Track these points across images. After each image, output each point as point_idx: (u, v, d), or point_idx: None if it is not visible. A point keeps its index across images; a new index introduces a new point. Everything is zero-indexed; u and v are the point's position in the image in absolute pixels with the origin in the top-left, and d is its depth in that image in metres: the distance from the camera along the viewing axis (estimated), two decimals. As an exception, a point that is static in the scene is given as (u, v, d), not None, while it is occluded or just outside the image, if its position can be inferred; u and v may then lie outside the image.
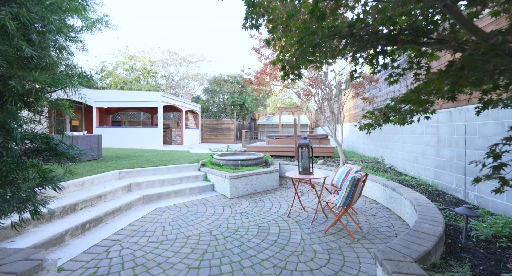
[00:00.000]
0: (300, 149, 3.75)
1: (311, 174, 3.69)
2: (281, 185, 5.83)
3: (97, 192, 3.63)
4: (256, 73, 6.03)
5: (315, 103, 6.31)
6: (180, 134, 12.88)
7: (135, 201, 3.95)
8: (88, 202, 3.37)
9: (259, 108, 26.85)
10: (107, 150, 8.24)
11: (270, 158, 6.61)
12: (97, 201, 3.53)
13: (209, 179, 5.40)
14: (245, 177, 5.01)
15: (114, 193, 3.90)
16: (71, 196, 3.35)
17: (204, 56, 22.56)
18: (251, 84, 6.25)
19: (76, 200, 3.19)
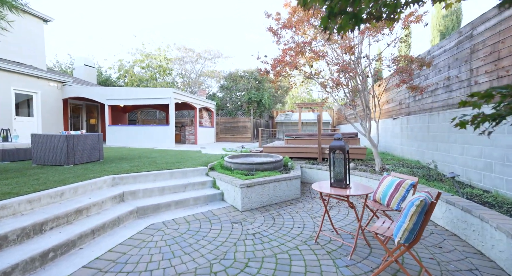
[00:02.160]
0: (332, 153, 2.79)
1: (347, 187, 2.72)
2: (304, 194, 4.88)
3: (78, 204, 2.96)
4: (274, 61, 5.10)
5: (345, 95, 5.24)
6: (194, 133, 12.32)
7: (126, 215, 3.25)
8: (63, 219, 2.70)
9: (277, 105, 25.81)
10: (114, 150, 7.81)
11: (290, 161, 5.68)
12: (76, 217, 2.86)
13: (217, 186, 4.60)
14: (260, 185, 4.14)
15: (101, 205, 3.22)
16: (42, 211, 2.69)
17: (220, 52, 21.94)
18: (268, 75, 5.33)
19: (44, 217, 2.52)
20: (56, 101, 10.34)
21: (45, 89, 9.88)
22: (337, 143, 2.74)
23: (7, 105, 8.62)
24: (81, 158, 4.81)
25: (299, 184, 4.69)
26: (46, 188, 3.02)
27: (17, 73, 8.94)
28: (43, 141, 4.59)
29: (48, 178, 3.59)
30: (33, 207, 2.70)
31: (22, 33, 9.85)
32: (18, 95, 9.09)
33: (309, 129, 18.63)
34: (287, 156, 6.32)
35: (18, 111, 9.15)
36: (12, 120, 8.78)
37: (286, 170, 5.26)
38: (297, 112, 20.96)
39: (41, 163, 4.62)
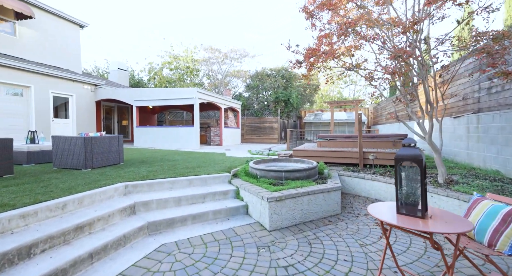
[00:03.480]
0: (399, 167, 1.95)
1: (426, 217, 1.86)
2: (344, 209, 4.02)
3: (80, 219, 2.54)
4: (307, 51, 4.33)
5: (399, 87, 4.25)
6: (219, 134, 11.95)
7: (134, 232, 2.76)
8: (59, 239, 2.27)
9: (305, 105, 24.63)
10: (138, 152, 7.67)
11: (326, 168, 4.83)
12: (75, 235, 2.43)
13: (241, 197, 3.97)
14: (292, 199, 3.40)
15: (107, 220, 2.79)
16: (36, 228, 2.30)
17: (246, 51, 21.56)
18: (300, 66, 4.56)
19: (35, 238, 2.11)
20: (89, 103, 10.73)
21: (79, 92, 10.29)
22: (407, 151, 1.90)
23: (46, 108, 9.07)
24: (99, 161, 4.56)
25: (339, 197, 3.84)
26: (48, 199, 2.65)
27: (55, 77, 9.38)
28: (62, 143, 4.42)
29: (58, 184, 3.28)
30: (28, 222, 2.33)
31: (60, 39, 10.38)
32: (55, 98, 9.54)
33: (341, 130, 17.24)
34: (321, 161, 5.47)
35: (55, 113, 9.61)
36: (50, 122, 9.23)
37: (322, 178, 4.44)
38: (327, 111, 19.65)
39: (60, 166, 4.45)
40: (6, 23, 9.01)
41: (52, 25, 10.11)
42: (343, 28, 3.67)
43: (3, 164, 3.69)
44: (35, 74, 8.79)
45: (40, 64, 9.27)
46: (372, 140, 6.04)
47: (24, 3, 8.97)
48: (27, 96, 8.69)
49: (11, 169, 3.80)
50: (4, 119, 8.07)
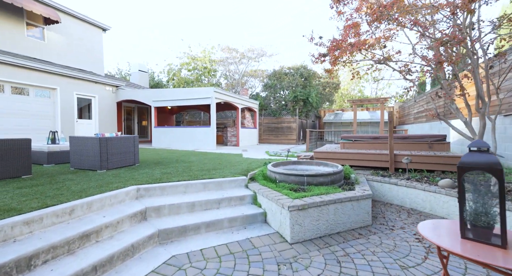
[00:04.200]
0: (463, 176, 1.50)
1: (506, 247, 1.40)
2: (375, 219, 3.55)
3: (87, 226, 2.37)
4: (332, 42, 3.90)
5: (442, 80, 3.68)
6: (236, 134, 11.74)
7: (144, 241, 2.55)
8: (62, 248, 2.10)
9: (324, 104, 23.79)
10: (154, 153, 7.64)
11: (352, 172, 4.36)
12: (81, 244, 2.25)
13: (259, 203, 3.65)
14: (316, 208, 3.02)
15: (116, 226, 2.60)
16: (40, 236, 2.14)
17: (264, 50, 21.24)
18: (323, 61, 4.15)
19: (36, 248, 1.94)
20: (111, 104, 11.02)
21: (102, 93, 10.59)
22: (479, 158, 1.46)
23: (70, 109, 9.40)
24: (115, 162, 4.47)
25: (369, 207, 3.38)
26: (56, 203, 2.51)
27: (79, 79, 9.71)
28: (79, 143, 4.38)
29: (70, 187, 3.18)
30: (32, 229, 2.18)
31: (84, 42, 10.76)
32: (79, 99, 9.87)
33: (364, 131, 16.33)
34: (347, 164, 4.99)
35: (79, 114, 9.95)
36: (75, 122, 9.55)
37: (348, 184, 3.99)
38: (348, 111, 18.77)
39: (77, 167, 4.42)
40: (36, 29, 9.47)
41: (77, 29, 10.50)
42: (376, 12, 3.20)
43: (21, 164, 3.68)
44: (61, 76, 9.14)
45: (66, 67, 9.64)
46: (404, 141, 5.44)
47: (52, 8, 9.37)
48: (54, 98, 9.05)
49: (29, 169, 3.79)
50: (34, 120, 8.45)
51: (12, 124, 7.91)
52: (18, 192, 2.89)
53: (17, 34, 8.85)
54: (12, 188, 3.06)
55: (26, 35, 9.10)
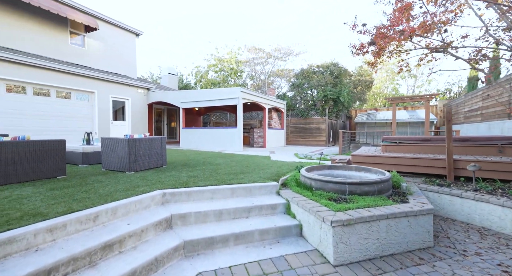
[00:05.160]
0: None
1: None
2: (437, 239, 2.92)
3: (110, 235, 2.20)
4: (379, 29, 3.35)
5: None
6: (263, 135, 11.42)
7: (169, 254, 2.31)
8: (84, 260, 1.93)
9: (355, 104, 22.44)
10: (182, 154, 7.61)
11: (402, 180, 3.74)
12: (103, 255, 2.07)
13: (293, 213, 3.24)
14: (364, 224, 2.53)
15: (140, 235, 2.40)
16: (62, 245, 2.00)
17: (291, 49, 20.68)
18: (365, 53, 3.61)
19: (56, 259, 1.78)
20: (142, 106, 11.43)
21: (134, 96, 11.03)
22: None
23: (106, 111, 9.90)
24: (143, 164, 4.40)
25: (431, 225, 2.78)
26: (81, 208, 2.39)
27: (114, 83, 10.20)
28: (109, 144, 4.39)
29: (98, 189, 3.10)
30: (55, 237, 2.05)
31: (118, 47, 11.32)
32: (114, 102, 10.37)
33: (402, 132, 14.92)
34: (392, 170, 4.35)
35: (114, 116, 10.45)
36: (110, 124, 10.04)
37: (398, 194, 3.39)
38: (383, 110, 17.40)
39: (108, 168, 4.44)
40: (78, 37, 10.16)
41: (112, 34, 11.09)
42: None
43: (56, 165, 3.75)
44: (99, 80, 9.66)
45: (103, 71, 10.20)
46: (464, 143, 4.60)
47: (91, 17, 9.98)
48: (92, 101, 9.60)
49: (63, 170, 3.85)
50: (75, 122, 9.03)
51: (56, 126, 8.51)
52: (50, 194, 2.86)
53: (62, 42, 9.56)
54: (45, 189, 3.07)
55: (69, 43, 9.80)
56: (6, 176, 3.30)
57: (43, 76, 8.08)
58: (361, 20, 3.54)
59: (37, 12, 8.76)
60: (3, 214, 2.21)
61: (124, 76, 11.04)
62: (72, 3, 9.51)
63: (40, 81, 8.02)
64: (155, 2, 49.40)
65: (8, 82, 7.50)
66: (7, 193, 2.88)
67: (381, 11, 3.75)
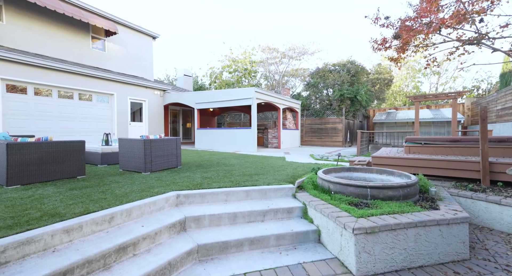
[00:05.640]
0: None
1: None
2: (473, 250, 2.64)
3: (124, 237, 2.17)
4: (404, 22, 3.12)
5: None
6: (277, 136, 11.26)
7: (182, 258, 2.25)
8: (99, 262, 1.91)
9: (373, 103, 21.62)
10: (196, 155, 7.64)
11: (430, 185, 3.46)
12: (117, 257, 2.04)
13: (310, 218, 3.09)
14: (390, 232, 2.33)
15: (153, 238, 2.36)
16: (77, 247, 2.00)
17: (306, 48, 20.34)
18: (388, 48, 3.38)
19: (73, 261, 1.78)
20: (159, 108, 11.68)
21: (151, 97, 11.30)
22: None
23: (125, 112, 10.22)
24: (158, 165, 4.43)
25: (466, 234, 2.51)
26: (97, 209, 2.40)
27: (132, 85, 10.50)
28: (126, 145, 4.46)
29: (114, 190, 3.12)
30: (72, 238, 2.05)
31: (136, 50, 11.65)
32: (132, 103, 10.68)
33: (425, 132, 14.14)
34: (414, 172, 4.06)
35: (132, 117, 10.76)
36: (128, 125, 10.35)
37: (426, 200, 3.13)
38: (404, 109, 16.63)
39: (125, 168, 4.51)
40: (99, 41, 10.58)
41: (130, 38, 11.44)
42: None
43: (76, 165, 3.85)
44: (118, 83, 9.99)
45: (122, 74, 10.54)
46: (500, 145, 4.20)
47: (111, 21, 10.35)
48: (111, 102, 9.94)
49: (83, 170, 3.95)
50: (96, 123, 9.39)
51: (79, 127, 8.89)
52: (69, 194, 2.91)
53: (85, 47, 9.99)
54: (65, 189, 3.14)
55: (91, 47, 10.22)
56: (31, 176, 3.42)
57: (67, 80, 8.47)
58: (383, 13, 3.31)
59: (61, 19, 9.21)
60: (24, 213, 2.26)
61: (142, 78, 11.34)
62: (93, 8, 9.92)
63: (65, 85, 8.41)
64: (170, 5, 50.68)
65: (37, 86, 7.93)
66: (31, 192, 2.97)
67: (406, 2, 3.49)
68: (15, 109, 7.47)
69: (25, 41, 8.49)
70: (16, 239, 1.78)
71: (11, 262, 1.73)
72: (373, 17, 3.21)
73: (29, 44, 8.56)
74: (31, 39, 8.60)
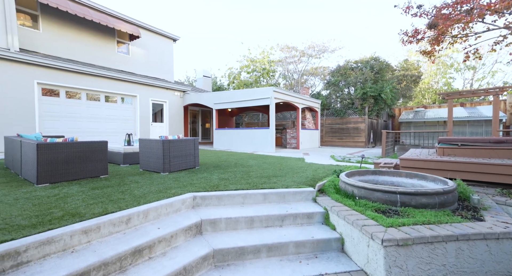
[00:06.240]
0: None
1: None
2: (526, 271, 2.27)
3: (141, 239, 2.15)
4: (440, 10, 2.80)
5: None
6: (296, 136, 10.99)
7: (198, 263, 2.18)
8: (115, 265, 1.89)
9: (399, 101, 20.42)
10: (214, 155, 7.65)
11: (471, 191, 3.08)
12: (133, 260, 2.02)
13: (332, 224, 2.88)
14: (426, 245, 2.08)
15: (169, 241, 2.32)
16: (95, 248, 1.99)
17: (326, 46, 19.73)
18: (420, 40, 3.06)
19: (90, 263, 1.77)
20: (179, 108, 11.95)
21: (171, 98, 11.58)
22: None
23: (147, 113, 10.57)
24: (176, 165, 4.45)
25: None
26: (115, 210, 2.41)
27: (154, 87, 10.84)
28: (145, 145, 4.54)
29: (133, 190, 3.15)
30: (90, 239, 2.06)
31: (157, 52, 12.01)
32: (154, 104, 11.02)
33: (459, 132, 13.03)
34: (449, 177, 3.65)
35: (153, 118, 11.10)
36: (150, 126, 10.69)
37: (467, 209, 2.78)
38: (433, 108, 15.51)
39: (145, 168, 4.59)
40: (123, 45, 11.06)
41: (152, 41, 11.83)
42: None
43: (99, 165, 3.97)
44: (141, 85, 10.36)
45: (144, 76, 10.92)
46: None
47: (134, 26, 10.77)
48: (135, 104, 10.34)
49: (105, 169, 4.06)
50: (120, 124, 9.82)
51: (105, 128, 9.34)
52: (91, 194, 2.98)
53: (111, 51, 10.50)
54: (88, 188, 3.23)
55: (116, 51, 10.71)
56: (59, 175, 3.58)
57: (95, 83, 8.93)
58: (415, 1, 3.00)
59: (89, 25, 9.74)
60: (48, 212, 2.33)
61: (163, 80, 11.67)
62: (117, 14, 10.38)
63: (93, 88, 8.88)
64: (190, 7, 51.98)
65: (68, 90, 8.45)
66: (57, 191, 3.09)
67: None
68: (49, 111, 8.01)
69: (58, 48, 9.09)
70: (37, 239, 1.80)
71: (32, 262, 1.76)
72: (404, 6, 2.92)
73: (62, 50, 9.15)
74: (63, 45, 9.20)
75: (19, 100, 7.28)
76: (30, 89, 7.50)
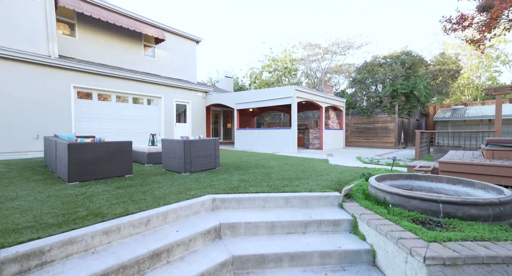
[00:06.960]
0: None
1: None
2: None
3: (159, 243, 2.11)
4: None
5: None
6: (319, 136, 10.58)
7: (216, 270, 2.08)
8: (133, 268, 1.86)
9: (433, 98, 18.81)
10: (235, 155, 7.60)
11: (533, 203, 2.60)
12: (151, 264, 1.97)
13: (362, 234, 2.62)
14: (480, 266, 1.76)
15: (188, 245, 2.25)
16: (114, 250, 1.98)
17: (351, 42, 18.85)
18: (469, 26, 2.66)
19: (108, 266, 1.75)
20: (201, 109, 12.16)
21: (194, 99, 11.82)
22: None
23: (171, 114, 10.89)
24: (197, 165, 4.44)
25: None
26: (136, 211, 2.41)
27: (178, 88, 11.14)
28: (167, 145, 4.60)
29: (154, 191, 3.16)
30: (111, 240, 2.06)
31: (181, 54, 12.33)
32: (177, 105, 11.32)
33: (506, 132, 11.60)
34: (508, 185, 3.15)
35: (177, 118, 11.41)
36: (173, 126, 11.00)
37: (528, 223, 2.34)
38: (474, 105, 14.05)
39: (167, 168, 4.66)
40: (150, 49, 11.52)
41: (176, 43, 12.17)
42: None
43: (124, 164, 4.08)
44: (165, 86, 10.70)
45: (168, 78, 11.27)
46: None
47: (159, 29, 11.16)
48: (160, 105, 10.70)
49: (130, 169, 4.18)
50: (146, 124, 10.23)
51: (132, 128, 9.79)
52: (115, 193, 3.04)
53: (138, 55, 10.99)
54: (112, 188, 3.31)
55: (143, 55, 11.19)
56: (88, 173, 3.74)
57: (124, 86, 9.40)
58: None
59: (119, 31, 10.28)
60: (74, 211, 2.39)
61: (186, 82, 11.96)
62: (143, 18, 10.82)
63: (122, 90, 9.35)
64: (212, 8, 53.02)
65: (100, 92, 8.99)
66: (84, 189, 3.21)
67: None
68: (83, 113, 8.58)
69: (92, 53, 9.71)
70: (60, 239, 1.83)
71: (55, 261, 1.78)
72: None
73: (95, 55, 9.77)
74: (96, 51, 9.81)
75: (58, 103, 7.88)
76: (68, 93, 8.08)
